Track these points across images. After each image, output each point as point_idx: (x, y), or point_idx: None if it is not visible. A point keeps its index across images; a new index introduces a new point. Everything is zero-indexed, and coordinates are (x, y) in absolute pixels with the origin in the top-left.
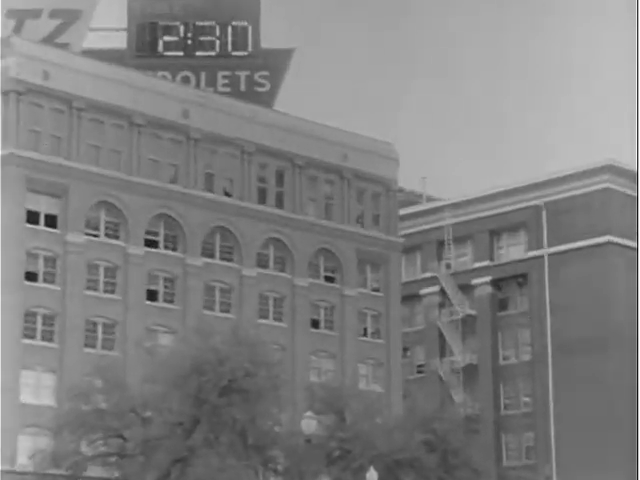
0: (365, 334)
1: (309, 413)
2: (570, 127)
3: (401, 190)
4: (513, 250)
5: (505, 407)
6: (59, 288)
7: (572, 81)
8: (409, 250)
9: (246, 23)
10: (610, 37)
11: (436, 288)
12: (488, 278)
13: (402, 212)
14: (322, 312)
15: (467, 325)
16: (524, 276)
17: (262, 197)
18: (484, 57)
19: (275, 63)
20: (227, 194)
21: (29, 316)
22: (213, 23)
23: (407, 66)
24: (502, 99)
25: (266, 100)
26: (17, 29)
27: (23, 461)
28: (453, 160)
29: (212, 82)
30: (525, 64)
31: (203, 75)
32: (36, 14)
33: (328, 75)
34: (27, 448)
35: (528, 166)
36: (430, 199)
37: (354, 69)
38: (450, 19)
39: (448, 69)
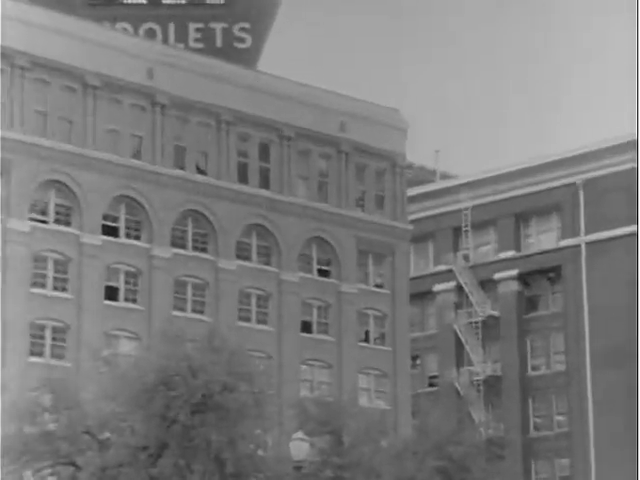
0: (367, 339)
1: (299, 434)
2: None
3: (410, 166)
4: (544, 238)
5: (535, 428)
6: None
7: (594, 41)
8: (419, 239)
9: None
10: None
11: (452, 284)
12: (514, 272)
13: (411, 193)
14: (315, 313)
15: (489, 329)
16: (557, 270)
17: (243, 175)
18: (494, 22)
19: (258, 13)
20: (201, 171)
21: None
22: None
23: (415, 24)
24: (527, 60)
25: (248, 58)
26: None
27: None
28: (472, 130)
29: (182, 36)
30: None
31: (171, 27)
32: None
33: (323, 29)
34: None
35: (561, 137)
36: (445, 177)
37: (354, 23)
38: None
39: (459, 30)
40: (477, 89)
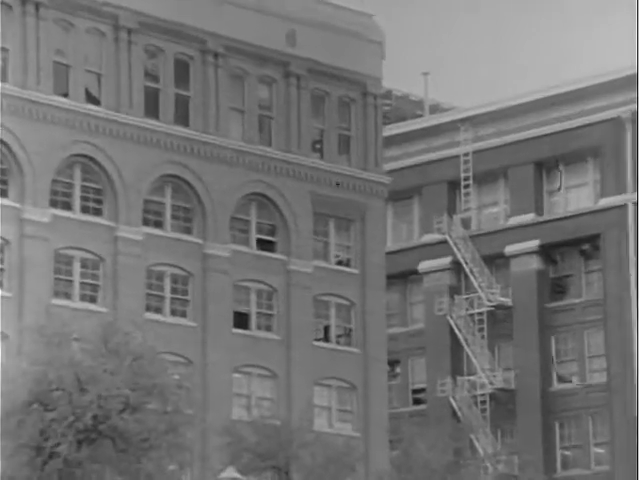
0: (326, 337)
1: (231, 471)
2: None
3: (388, 95)
4: (576, 196)
5: (563, 464)
6: None
7: None
8: (401, 196)
9: None
10: None
11: (446, 261)
12: (534, 244)
13: (389, 132)
14: (254, 301)
15: (498, 323)
16: (595, 240)
17: (152, 106)
18: None
19: None
20: (92, 99)
21: None
22: None
23: None
24: None
25: None
26: None
27: None
28: (474, 46)
29: None
30: None
31: None
32: None
33: None
34: None
35: (597, 56)
36: (436, 109)
37: None
38: None
39: None
40: None
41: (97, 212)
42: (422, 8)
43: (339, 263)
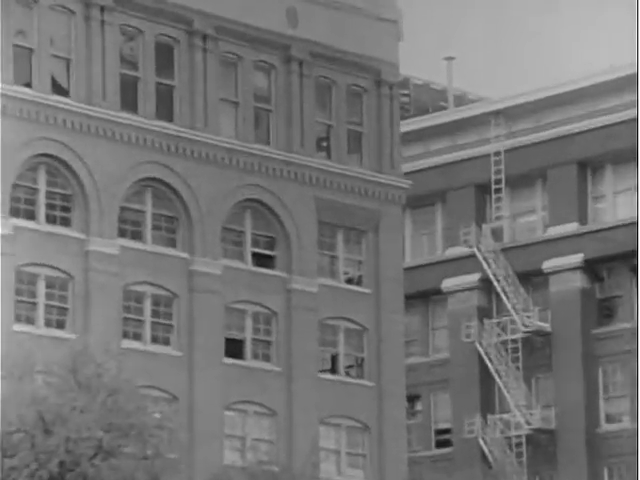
0: (334, 369)
1: None
2: None
3: (406, 84)
4: (625, 201)
5: None
6: None
7: None
8: (421, 203)
9: None
10: None
11: (474, 278)
12: (577, 258)
13: (408, 127)
14: (249, 326)
15: (536, 352)
16: None
17: (130, 97)
18: None
19: None
20: (60, 90)
21: None
22: None
23: None
24: None
25: None
26: None
27: None
28: (506, 26)
29: None
30: None
31: None
32: None
33: None
34: None
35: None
36: (462, 100)
37: None
38: None
39: None
40: None
41: (65, 222)
42: None
43: (349, 281)
